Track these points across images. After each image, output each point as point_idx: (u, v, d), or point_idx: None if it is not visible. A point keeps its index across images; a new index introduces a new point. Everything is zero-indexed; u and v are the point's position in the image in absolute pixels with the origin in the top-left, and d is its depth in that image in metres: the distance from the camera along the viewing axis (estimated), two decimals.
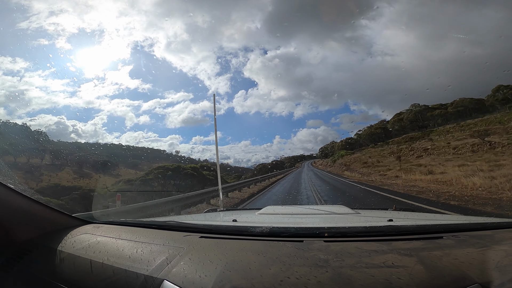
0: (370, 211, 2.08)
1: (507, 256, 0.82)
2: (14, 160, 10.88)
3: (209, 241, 1.09)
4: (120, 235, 1.22)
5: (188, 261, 0.90)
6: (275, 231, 1.09)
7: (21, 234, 1.22)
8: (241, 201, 10.91)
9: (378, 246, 0.92)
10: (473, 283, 0.71)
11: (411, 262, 0.80)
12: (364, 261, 0.81)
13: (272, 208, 2.06)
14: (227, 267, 0.83)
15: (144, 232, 1.28)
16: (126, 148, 35.84)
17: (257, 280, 0.76)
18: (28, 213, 1.23)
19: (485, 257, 0.82)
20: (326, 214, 1.83)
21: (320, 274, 0.76)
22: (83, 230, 1.32)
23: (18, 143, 14.57)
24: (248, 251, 0.95)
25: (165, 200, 6.93)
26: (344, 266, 0.79)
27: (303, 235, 1.06)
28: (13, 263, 1.13)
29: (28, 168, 11.65)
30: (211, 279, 0.78)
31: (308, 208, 2.23)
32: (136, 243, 1.11)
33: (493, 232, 1.07)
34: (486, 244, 0.92)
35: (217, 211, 2.36)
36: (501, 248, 0.89)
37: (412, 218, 1.66)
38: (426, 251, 0.88)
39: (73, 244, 1.17)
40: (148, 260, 0.95)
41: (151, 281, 0.85)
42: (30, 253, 1.16)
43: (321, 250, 0.90)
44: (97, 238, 1.19)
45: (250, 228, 1.14)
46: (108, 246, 1.11)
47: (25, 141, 16.90)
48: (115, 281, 0.91)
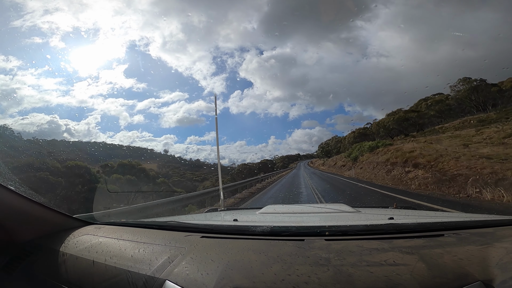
0: (371, 209, 2.08)
1: (509, 254, 0.82)
2: (13, 162, 10.86)
3: (210, 241, 1.09)
4: (122, 235, 1.23)
5: (189, 261, 0.90)
6: (276, 230, 1.10)
7: (23, 236, 1.22)
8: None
9: (379, 244, 0.92)
10: (475, 280, 0.71)
11: (413, 260, 0.80)
12: (365, 259, 0.81)
13: (273, 207, 2.07)
14: (228, 267, 0.83)
15: (146, 232, 1.28)
16: (118, 147, 35.05)
17: (258, 279, 0.76)
18: (29, 214, 1.24)
19: (487, 255, 0.81)
20: (327, 212, 1.83)
21: (321, 272, 0.76)
22: (84, 231, 1.32)
23: (16, 144, 14.55)
24: (249, 251, 0.95)
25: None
26: (345, 264, 0.79)
27: (304, 234, 1.06)
28: (16, 264, 1.14)
29: (25, 168, 11.62)
30: (213, 279, 0.78)
31: (309, 207, 2.24)
32: (138, 244, 1.11)
33: (494, 230, 1.07)
34: (487, 242, 0.92)
35: (218, 211, 2.37)
36: (502, 245, 0.89)
37: (413, 215, 1.66)
38: (427, 249, 0.88)
39: (75, 245, 1.17)
40: (150, 260, 0.95)
41: (153, 281, 0.85)
42: (32, 254, 1.17)
43: (322, 249, 0.90)
44: (99, 239, 1.20)
45: (251, 228, 1.14)
46: (110, 247, 1.11)
47: (22, 142, 16.85)
48: (117, 282, 0.92)
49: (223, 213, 2.23)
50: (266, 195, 12.48)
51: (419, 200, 7.98)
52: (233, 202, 10.81)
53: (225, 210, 2.45)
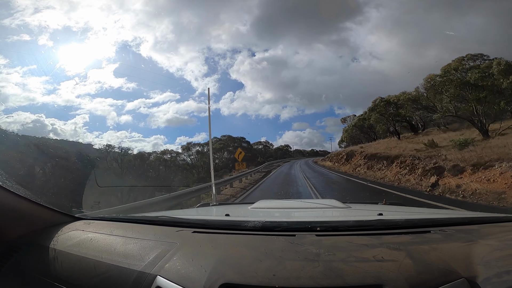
0: (361, 205, 2.12)
1: (492, 251, 0.84)
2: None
3: (202, 236, 1.09)
4: (112, 231, 1.21)
5: (181, 256, 0.90)
6: (267, 225, 1.10)
7: (10, 232, 1.19)
8: None
9: (368, 240, 0.94)
10: (459, 277, 0.73)
11: (400, 256, 0.81)
12: (354, 255, 0.83)
13: (265, 202, 2.08)
14: (220, 262, 0.84)
15: (136, 227, 1.27)
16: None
17: (250, 274, 0.77)
18: (17, 210, 1.20)
19: (471, 252, 0.83)
20: (318, 208, 1.86)
21: (311, 268, 0.77)
22: (73, 227, 1.30)
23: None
24: (241, 246, 0.95)
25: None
26: (335, 260, 0.81)
27: (295, 229, 1.07)
28: (3, 261, 1.11)
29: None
30: (205, 274, 0.78)
31: (300, 202, 2.26)
32: (128, 239, 1.10)
33: (479, 227, 1.10)
34: (472, 239, 0.94)
35: (210, 206, 2.36)
36: (486, 242, 0.91)
37: (402, 212, 1.70)
38: (415, 245, 0.90)
39: (64, 241, 1.15)
40: (140, 256, 0.94)
41: (144, 277, 0.84)
42: (20, 250, 1.14)
43: (313, 244, 0.91)
44: (88, 234, 1.18)
45: (243, 223, 1.15)
46: (100, 243, 1.09)
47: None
48: (108, 278, 0.91)
49: (215, 208, 2.22)
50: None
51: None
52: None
53: (217, 205, 2.44)
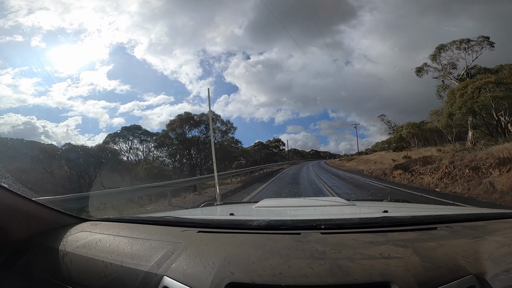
0: (366, 202, 2.11)
1: (500, 247, 0.83)
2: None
3: (207, 236, 1.10)
4: (118, 232, 1.22)
5: (187, 256, 0.90)
6: (272, 224, 1.10)
7: (18, 234, 1.21)
8: None
9: (374, 237, 0.93)
10: (467, 274, 0.72)
11: (407, 253, 0.81)
12: (360, 252, 0.83)
13: (269, 201, 2.08)
14: (226, 261, 0.84)
15: (142, 228, 1.28)
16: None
17: (256, 273, 0.76)
18: (24, 212, 1.22)
19: (479, 248, 0.83)
20: (323, 206, 1.85)
21: (317, 266, 0.77)
22: (80, 228, 1.31)
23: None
24: (246, 245, 0.95)
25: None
26: (341, 257, 0.80)
27: (300, 228, 1.07)
28: (12, 263, 1.13)
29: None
30: (211, 273, 0.79)
31: (305, 200, 2.26)
32: (135, 240, 1.11)
33: (486, 223, 1.09)
34: (479, 235, 0.93)
35: (214, 205, 2.37)
36: (494, 239, 0.90)
37: (407, 208, 1.68)
38: (421, 242, 0.89)
39: (72, 242, 1.16)
40: (147, 256, 0.95)
41: (151, 277, 0.85)
42: (28, 252, 1.16)
43: (318, 242, 0.91)
44: (95, 235, 1.19)
45: (248, 222, 1.15)
46: (106, 243, 1.10)
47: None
48: (115, 279, 0.91)
49: (219, 207, 2.23)
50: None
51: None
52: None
53: (221, 204, 2.44)
